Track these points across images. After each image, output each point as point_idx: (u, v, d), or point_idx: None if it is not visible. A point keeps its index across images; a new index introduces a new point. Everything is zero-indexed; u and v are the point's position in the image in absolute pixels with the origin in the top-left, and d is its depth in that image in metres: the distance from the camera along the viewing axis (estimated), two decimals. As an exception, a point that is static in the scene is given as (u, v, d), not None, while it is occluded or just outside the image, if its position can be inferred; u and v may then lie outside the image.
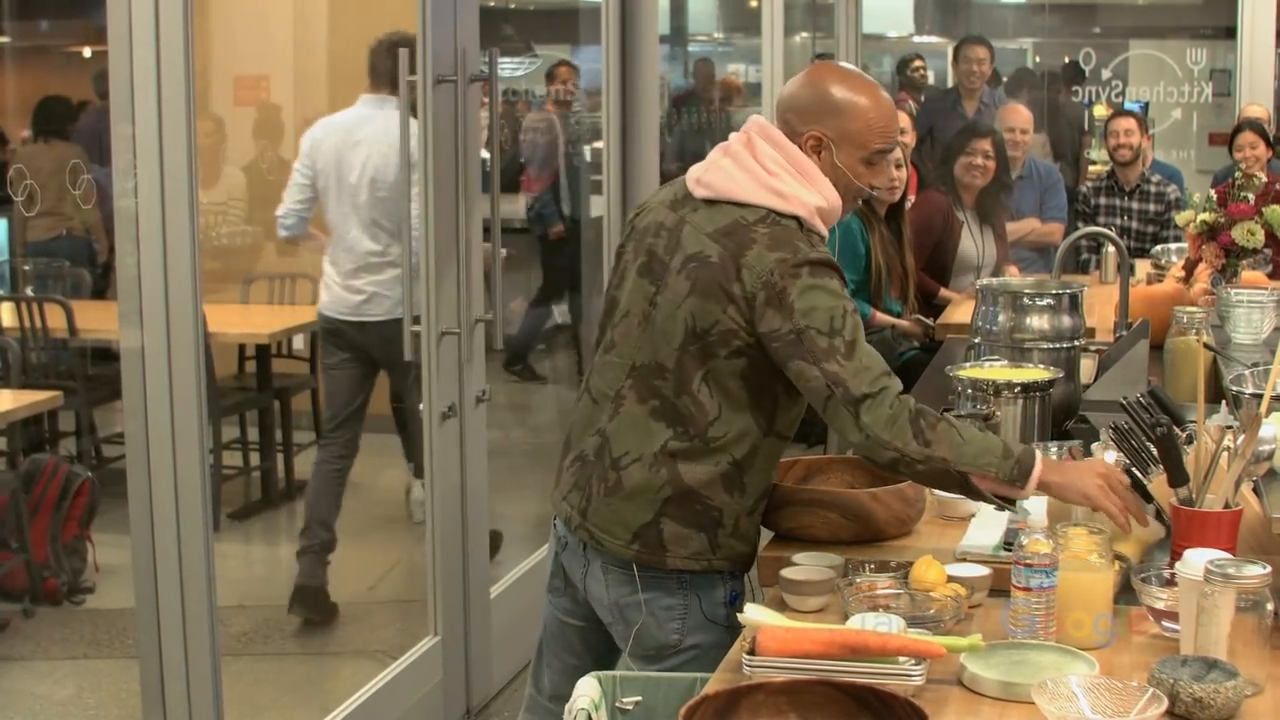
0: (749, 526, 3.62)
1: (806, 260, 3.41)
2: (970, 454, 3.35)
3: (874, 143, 3.57)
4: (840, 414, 3.37)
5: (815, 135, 3.55)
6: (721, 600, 3.64)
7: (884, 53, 15.61)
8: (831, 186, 3.55)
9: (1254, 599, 2.82)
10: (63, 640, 6.57)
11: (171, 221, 4.31)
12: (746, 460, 3.55)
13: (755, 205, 3.50)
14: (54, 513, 6.79)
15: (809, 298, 3.38)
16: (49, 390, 7.22)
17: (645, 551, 3.57)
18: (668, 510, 3.55)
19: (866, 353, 3.40)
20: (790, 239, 3.44)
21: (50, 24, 10.69)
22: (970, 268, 8.29)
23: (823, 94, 3.57)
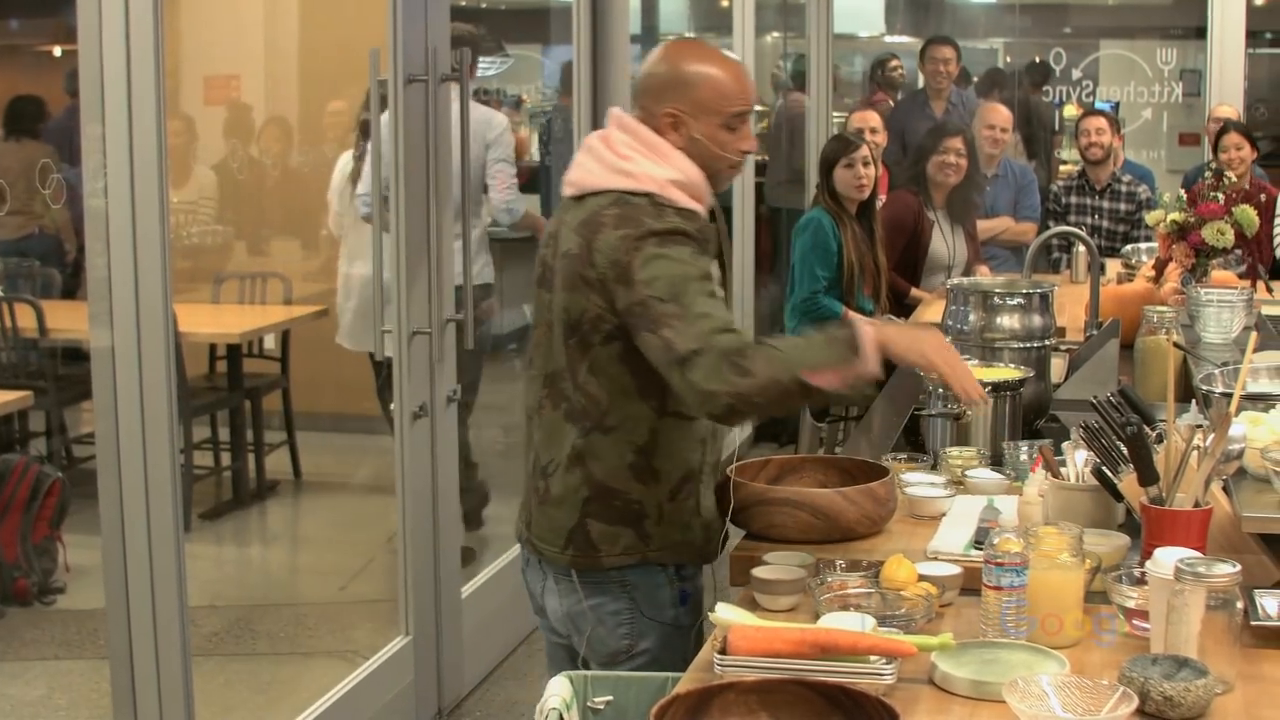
0: (677, 513, 3.61)
1: (650, 232, 3.42)
2: (796, 358, 3.30)
3: (728, 107, 3.58)
4: (673, 377, 3.34)
5: (669, 112, 3.57)
6: (668, 601, 3.65)
7: (855, 52, 15.63)
8: (685, 159, 3.56)
9: (1224, 597, 2.83)
10: (33, 641, 6.55)
11: (142, 221, 4.30)
12: (649, 446, 3.55)
13: (608, 190, 3.54)
14: (24, 513, 6.77)
15: (651, 267, 3.38)
16: (19, 390, 7.20)
17: (579, 555, 3.61)
18: (590, 510, 3.58)
19: (701, 314, 3.34)
20: (636, 215, 3.46)
21: (20, 23, 10.66)
22: (941, 267, 8.30)
23: (670, 71, 3.60)
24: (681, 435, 3.59)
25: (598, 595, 3.64)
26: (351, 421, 9.08)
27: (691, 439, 3.61)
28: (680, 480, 3.60)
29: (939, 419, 4.37)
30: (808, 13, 11.81)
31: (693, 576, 3.72)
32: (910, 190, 8.39)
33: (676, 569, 3.66)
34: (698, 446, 3.64)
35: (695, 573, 3.73)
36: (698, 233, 3.49)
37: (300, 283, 9.35)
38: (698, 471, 3.64)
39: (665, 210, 3.49)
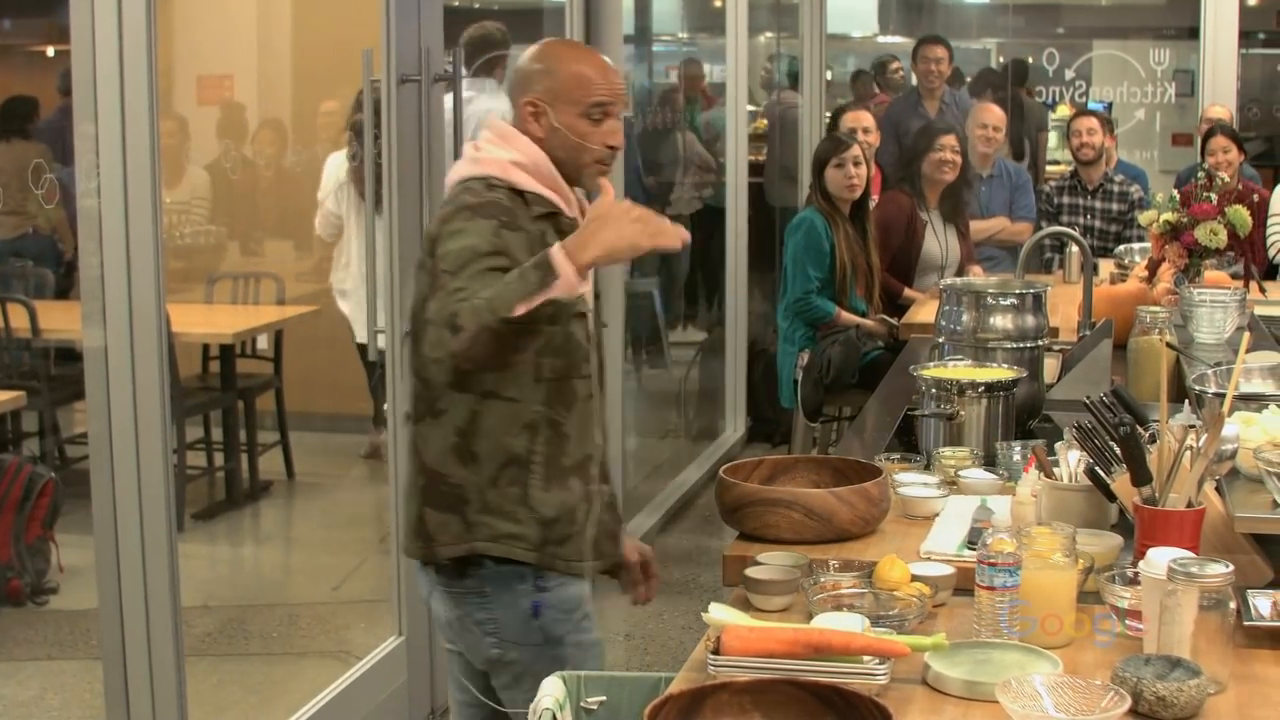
0: (500, 501, 3.56)
1: (464, 206, 3.47)
2: (494, 298, 3.25)
3: (587, 96, 3.59)
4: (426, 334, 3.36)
5: (529, 101, 3.60)
6: (523, 612, 3.63)
7: (849, 52, 15.63)
8: (530, 144, 3.58)
9: (1217, 598, 2.83)
10: (26, 641, 6.54)
11: (135, 221, 4.30)
12: (469, 428, 3.54)
13: (457, 180, 3.61)
14: (17, 513, 6.76)
15: (448, 242, 3.40)
16: (12, 390, 7.19)
17: (422, 545, 3.63)
18: (425, 497, 3.61)
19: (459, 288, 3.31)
20: (461, 195, 3.53)
21: (13, 23, 10.65)
22: (934, 267, 8.31)
23: (531, 63, 3.65)
24: (500, 418, 3.54)
25: (466, 605, 3.66)
26: (345, 422, 9.08)
27: (513, 423, 3.55)
28: (501, 465, 3.55)
29: (932, 419, 4.37)
30: (801, 13, 11.81)
31: (556, 587, 3.64)
32: (903, 190, 8.40)
33: (536, 577, 3.62)
34: (523, 433, 3.55)
35: (564, 583, 3.66)
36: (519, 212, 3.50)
37: (293, 283, 9.35)
38: (524, 459, 3.56)
39: (495, 189, 3.53)
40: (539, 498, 3.58)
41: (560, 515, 3.60)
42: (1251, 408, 3.80)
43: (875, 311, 7.76)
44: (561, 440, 3.60)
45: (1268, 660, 2.99)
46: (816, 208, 7.70)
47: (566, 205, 3.61)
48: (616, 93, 3.63)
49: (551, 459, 3.59)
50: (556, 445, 3.60)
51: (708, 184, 11.41)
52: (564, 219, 3.59)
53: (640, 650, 6.78)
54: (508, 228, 3.44)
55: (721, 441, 10.30)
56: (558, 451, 3.60)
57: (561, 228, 3.55)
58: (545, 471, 3.58)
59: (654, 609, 7.25)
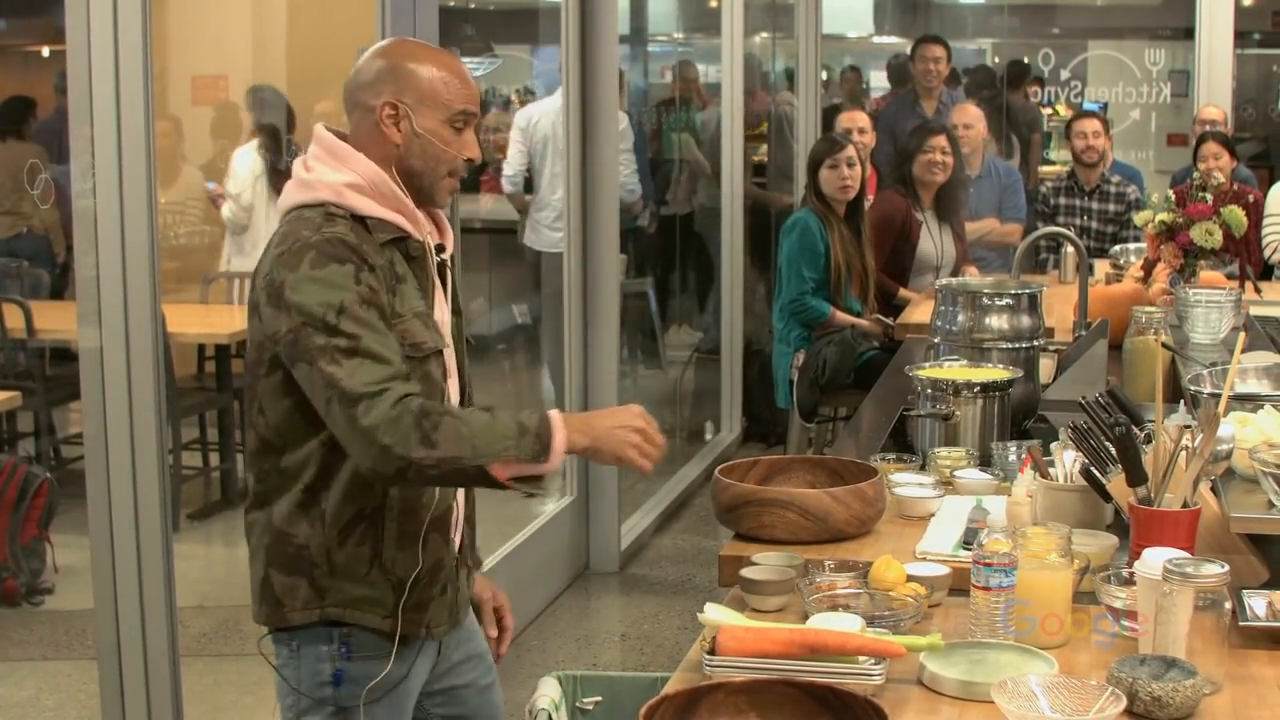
0: (349, 562, 3.22)
1: (307, 246, 3.09)
2: (484, 445, 3.02)
3: (455, 102, 3.25)
4: (339, 419, 3.03)
5: (389, 102, 3.23)
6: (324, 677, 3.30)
7: (844, 53, 15.63)
8: (365, 161, 3.21)
9: (1212, 598, 2.83)
10: (21, 641, 6.54)
11: (130, 221, 4.30)
12: (315, 482, 3.19)
13: (291, 208, 3.24)
14: (12, 514, 6.76)
15: (304, 291, 3.06)
16: (7, 391, 7.19)
17: (271, 611, 3.29)
18: (270, 558, 3.26)
19: (372, 351, 3.04)
20: (299, 229, 3.14)
21: (8, 23, 10.65)
22: (929, 267, 8.31)
23: (389, 64, 3.27)
24: (346, 470, 3.18)
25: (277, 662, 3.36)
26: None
27: (360, 475, 3.16)
28: (350, 521, 3.20)
29: (927, 419, 4.37)
30: (796, 13, 11.82)
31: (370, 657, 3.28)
32: (898, 190, 8.40)
33: (343, 641, 3.26)
34: (370, 486, 3.19)
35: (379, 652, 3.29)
36: (365, 245, 3.16)
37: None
38: (373, 515, 3.22)
39: (335, 219, 3.16)
40: (393, 557, 3.25)
41: (419, 576, 3.27)
42: (1247, 408, 3.80)
43: (870, 312, 7.76)
44: (419, 493, 3.26)
45: (1263, 660, 2.99)
46: (811, 208, 7.71)
47: (414, 227, 3.26)
48: (477, 102, 3.32)
49: (407, 512, 3.25)
50: (413, 498, 3.26)
51: (703, 186, 11.43)
52: (411, 242, 3.26)
53: (636, 650, 6.78)
54: (365, 269, 3.12)
55: (717, 442, 10.30)
56: (415, 504, 3.26)
57: (409, 252, 3.25)
58: (400, 528, 3.24)
59: (650, 609, 7.25)
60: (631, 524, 8.24)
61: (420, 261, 3.28)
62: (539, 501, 7.81)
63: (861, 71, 14.91)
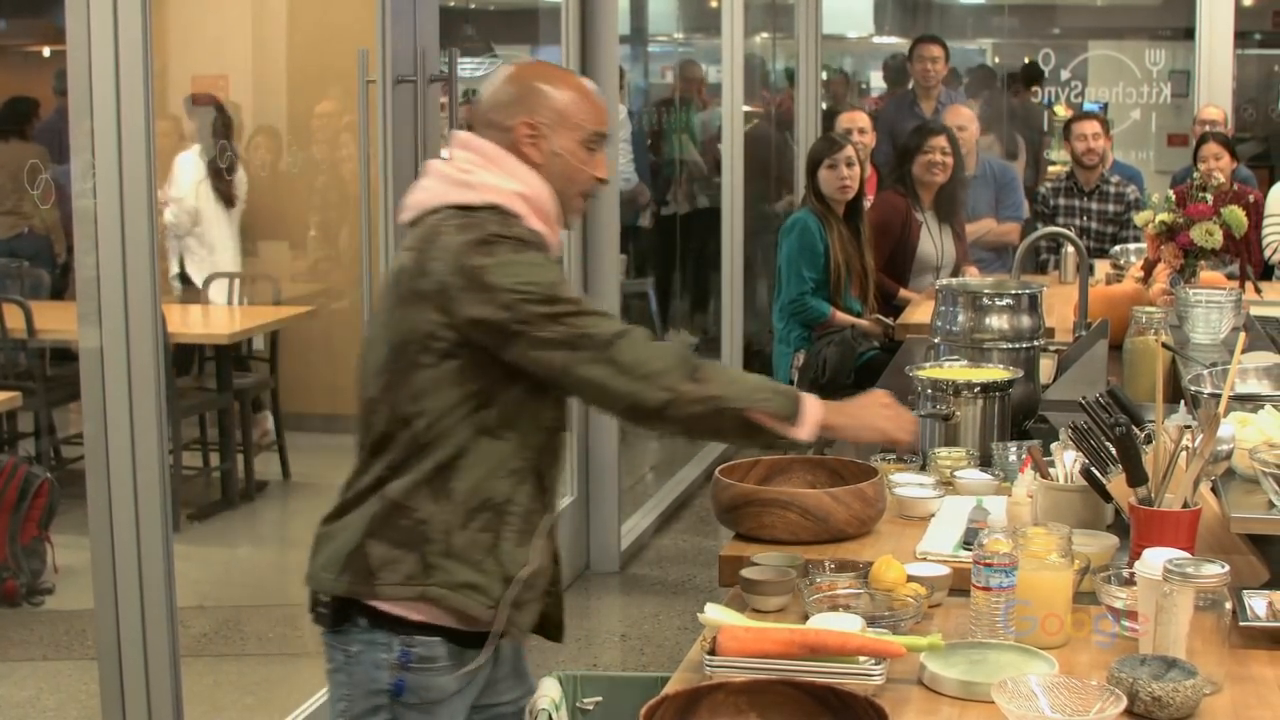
0: (468, 545, 3.24)
1: (498, 235, 3.19)
2: (745, 390, 3.20)
3: (589, 123, 3.35)
4: (592, 369, 3.13)
5: (527, 122, 3.31)
6: (381, 684, 3.29)
7: (844, 53, 15.63)
8: (532, 173, 3.31)
9: (1212, 598, 2.83)
10: (22, 642, 6.54)
11: (130, 221, 4.30)
12: (450, 461, 3.23)
13: (445, 206, 3.29)
14: (13, 514, 6.76)
15: (512, 272, 3.16)
16: (7, 391, 7.19)
17: (355, 582, 3.26)
18: (373, 529, 3.26)
19: (597, 311, 3.20)
20: (480, 223, 3.22)
21: (8, 23, 10.65)
22: (929, 268, 8.30)
23: (524, 87, 3.35)
24: (489, 457, 3.24)
25: (330, 666, 3.39)
26: (341, 422, 9.08)
27: (501, 465, 3.25)
28: (476, 507, 3.24)
29: (928, 419, 4.37)
30: (796, 13, 11.83)
31: (428, 669, 3.28)
32: (897, 191, 8.39)
33: (405, 649, 3.26)
34: (507, 478, 3.26)
35: (440, 664, 3.29)
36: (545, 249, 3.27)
37: (289, 284, 9.35)
38: (502, 506, 3.26)
39: (511, 221, 3.25)
40: (510, 552, 3.28)
41: (525, 576, 3.30)
42: (1247, 408, 3.80)
43: (870, 312, 7.75)
44: (542, 495, 3.35)
45: (1263, 660, 3.00)
46: (810, 209, 7.70)
47: (557, 246, 3.38)
48: (608, 123, 3.44)
49: (530, 513, 3.32)
50: (536, 500, 3.33)
51: (701, 187, 11.43)
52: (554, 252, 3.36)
53: (636, 650, 6.79)
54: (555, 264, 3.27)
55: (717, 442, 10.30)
56: (536, 507, 3.33)
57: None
58: (521, 524, 3.30)
59: (650, 609, 7.25)
60: (632, 524, 8.24)
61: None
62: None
63: (848, 75, 14.92)
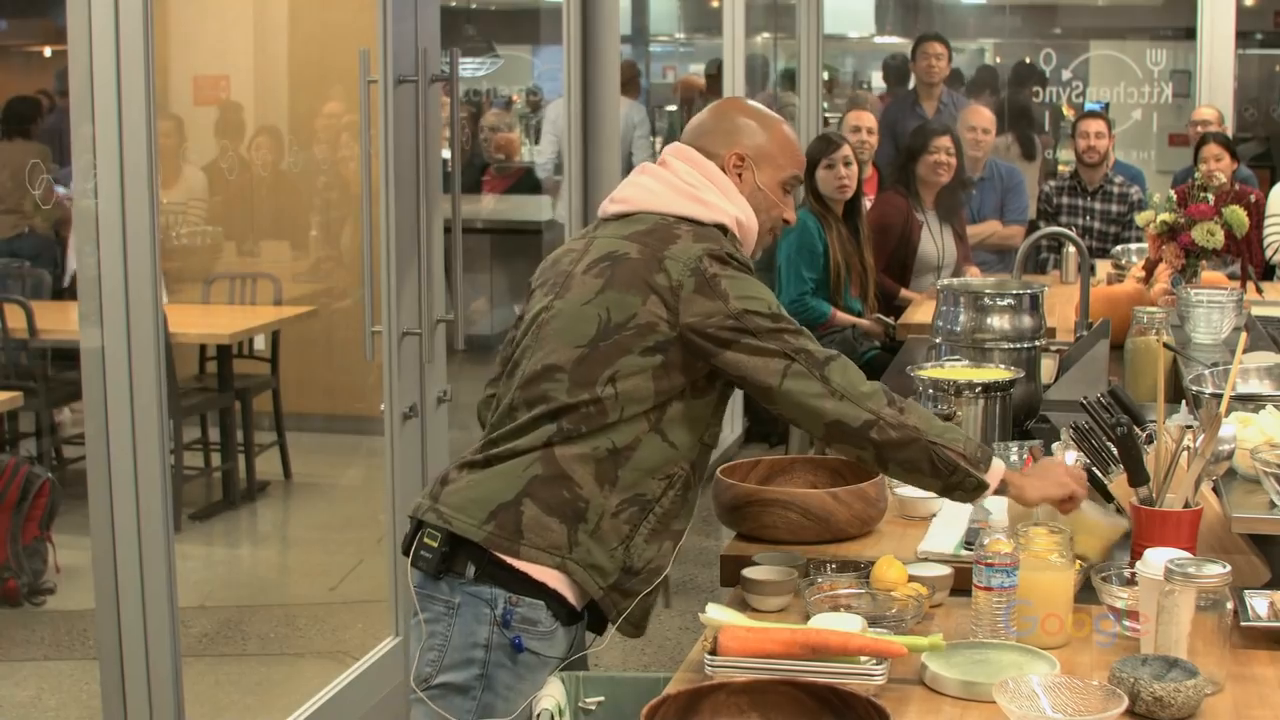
0: (612, 529, 3.35)
1: (732, 255, 3.36)
2: (940, 428, 3.29)
3: (790, 166, 3.58)
4: (804, 382, 3.26)
5: (738, 154, 3.52)
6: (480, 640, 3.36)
7: (845, 53, 15.63)
8: (747, 204, 3.52)
9: (1214, 598, 2.83)
10: (23, 642, 6.54)
11: (132, 221, 4.30)
12: (621, 450, 3.34)
13: (672, 214, 3.45)
14: (14, 514, 6.76)
15: (743, 285, 3.32)
16: (9, 391, 7.19)
17: (499, 534, 3.32)
18: (533, 489, 3.32)
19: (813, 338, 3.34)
20: (715, 238, 3.39)
21: (10, 23, 10.65)
22: (931, 268, 8.30)
23: (738, 119, 3.58)
24: (655, 456, 3.37)
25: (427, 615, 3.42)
26: (342, 422, 9.08)
27: (662, 467, 3.38)
28: (629, 499, 3.35)
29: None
30: (798, 13, 11.82)
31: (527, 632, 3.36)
32: (898, 191, 8.39)
33: (509, 608, 3.33)
34: (663, 480, 3.39)
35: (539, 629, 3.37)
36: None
37: (290, 283, 9.35)
38: (649, 503, 3.38)
39: (736, 244, 3.45)
40: (641, 545, 3.40)
41: (644, 570, 3.41)
42: (1248, 408, 3.81)
43: (871, 312, 7.76)
44: (684, 503, 3.46)
45: (1264, 660, 3.00)
46: (809, 209, 7.71)
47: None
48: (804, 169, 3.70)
49: (667, 516, 3.43)
50: (678, 505, 3.45)
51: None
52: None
53: (638, 650, 6.78)
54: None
55: (719, 442, 10.29)
56: (677, 510, 3.45)
57: None
58: (656, 524, 3.41)
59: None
60: (633, 524, 8.23)
61: None
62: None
63: (837, 77, 14.94)
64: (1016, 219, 9.38)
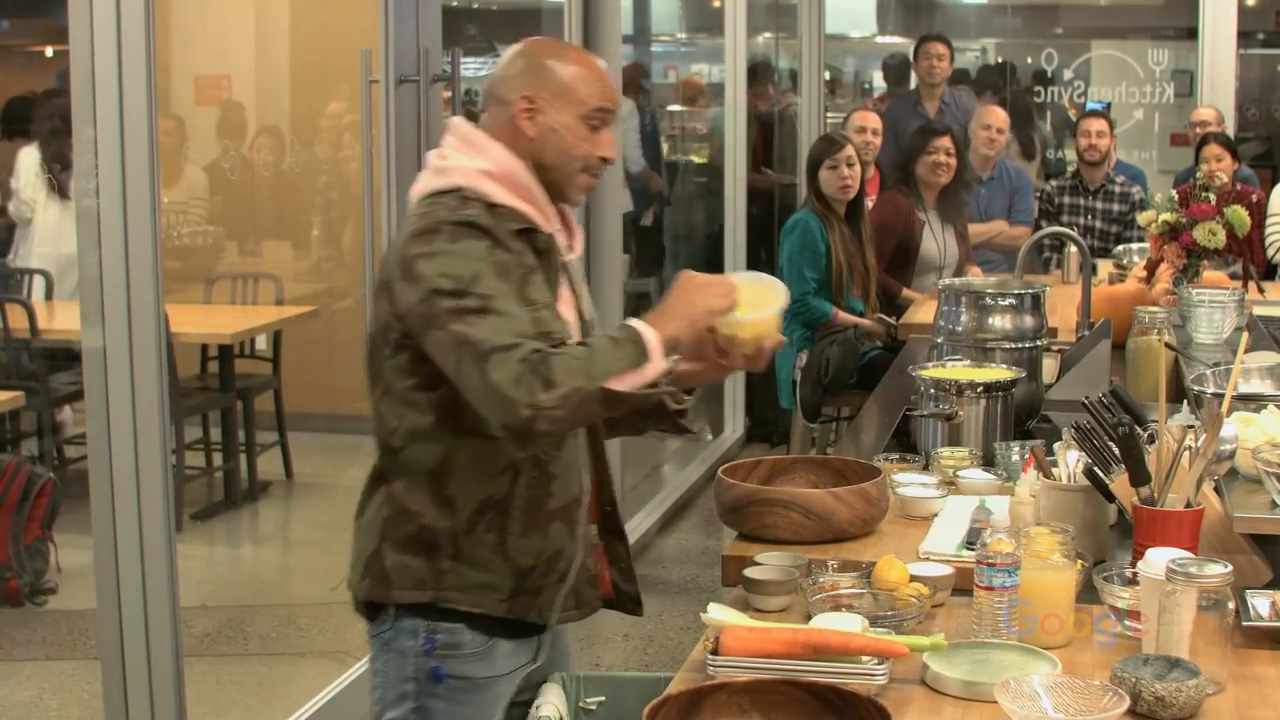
0: (474, 548, 3.22)
1: (440, 222, 3.12)
2: (595, 368, 2.99)
3: (591, 99, 3.28)
4: (470, 376, 3.00)
5: (525, 95, 3.26)
6: (411, 671, 3.29)
7: (847, 53, 15.62)
8: (503, 149, 3.24)
9: (1215, 598, 2.83)
10: (25, 642, 6.55)
11: (133, 221, 4.30)
12: (443, 469, 3.21)
13: (424, 195, 3.26)
14: (15, 514, 6.77)
15: (437, 262, 3.07)
16: (10, 390, 7.20)
17: (375, 585, 3.27)
18: (387, 533, 3.25)
19: (504, 310, 3.03)
20: (434, 211, 3.17)
21: (11, 23, 10.66)
22: (932, 268, 8.30)
23: (529, 58, 3.32)
24: (477, 458, 3.20)
25: (370, 649, 3.37)
26: (343, 422, 9.08)
27: (493, 463, 3.21)
28: (479, 508, 3.22)
29: (931, 419, 4.37)
30: (799, 13, 11.82)
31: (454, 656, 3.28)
32: (900, 191, 8.39)
33: (429, 636, 3.26)
34: (503, 474, 3.22)
35: (467, 652, 3.29)
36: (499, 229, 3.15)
37: (291, 283, 9.36)
38: (503, 503, 3.23)
39: (470, 203, 3.19)
40: (518, 546, 3.25)
41: (537, 563, 3.27)
42: (1250, 408, 3.81)
43: (873, 311, 7.76)
44: (547, 481, 3.28)
45: (1266, 660, 2.99)
46: (811, 209, 7.71)
47: (543, 219, 3.27)
48: (615, 102, 3.36)
49: (534, 502, 3.26)
50: (541, 487, 3.27)
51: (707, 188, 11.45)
52: (540, 235, 3.25)
53: (639, 650, 6.79)
54: (500, 248, 3.13)
55: (720, 442, 10.30)
56: (542, 494, 3.27)
57: (537, 245, 3.24)
58: (525, 517, 3.25)
59: (653, 610, 7.25)
60: (635, 524, 8.24)
61: (547, 256, 3.27)
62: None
63: (840, 77, 14.94)
64: (1023, 220, 9.38)
